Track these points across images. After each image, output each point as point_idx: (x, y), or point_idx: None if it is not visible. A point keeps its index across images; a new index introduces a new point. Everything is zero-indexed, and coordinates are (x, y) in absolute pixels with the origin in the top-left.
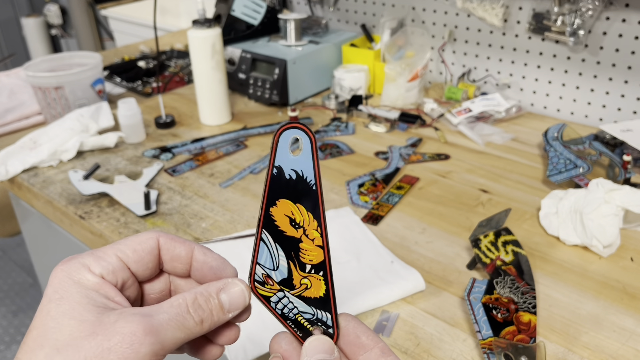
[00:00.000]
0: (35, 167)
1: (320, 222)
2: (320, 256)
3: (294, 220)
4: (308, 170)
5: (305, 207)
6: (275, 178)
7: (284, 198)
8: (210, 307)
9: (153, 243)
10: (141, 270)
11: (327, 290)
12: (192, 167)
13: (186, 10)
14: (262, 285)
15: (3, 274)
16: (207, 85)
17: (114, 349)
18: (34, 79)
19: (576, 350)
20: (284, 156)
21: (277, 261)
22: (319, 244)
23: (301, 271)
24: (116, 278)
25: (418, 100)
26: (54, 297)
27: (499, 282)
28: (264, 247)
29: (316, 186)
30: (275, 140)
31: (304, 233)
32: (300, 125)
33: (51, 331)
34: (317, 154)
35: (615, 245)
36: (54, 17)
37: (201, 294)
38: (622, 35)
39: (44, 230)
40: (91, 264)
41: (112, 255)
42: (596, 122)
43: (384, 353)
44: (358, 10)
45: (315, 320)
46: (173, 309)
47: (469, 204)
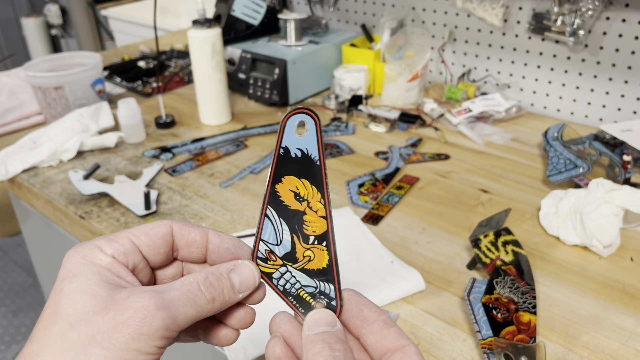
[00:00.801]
0: (36, 167)
1: (323, 193)
2: (323, 226)
3: (299, 194)
4: (313, 148)
5: (310, 181)
6: (281, 157)
7: (290, 175)
8: (222, 285)
9: (166, 229)
10: (153, 255)
11: (330, 260)
12: (192, 167)
13: (186, 10)
14: (265, 262)
15: (3, 274)
16: (207, 85)
17: (127, 323)
18: (34, 79)
19: (576, 350)
20: (290, 137)
21: (281, 235)
22: (322, 214)
23: (304, 243)
24: (127, 259)
25: (418, 100)
26: (67, 276)
27: (499, 282)
28: (267, 223)
29: (320, 161)
30: (282, 124)
31: (308, 205)
32: (305, 110)
33: (64, 307)
34: (321, 133)
35: (615, 245)
36: (54, 17)
37: (212, 274)
38: (622, 35)
39: (44, 230)
40: (103, 245)
41: (124, 237)
42: (596, 122)
43: (387, 324)
44: (358, 10)
45: (318, 293)
46: (184, 287)
47: (469, 204)
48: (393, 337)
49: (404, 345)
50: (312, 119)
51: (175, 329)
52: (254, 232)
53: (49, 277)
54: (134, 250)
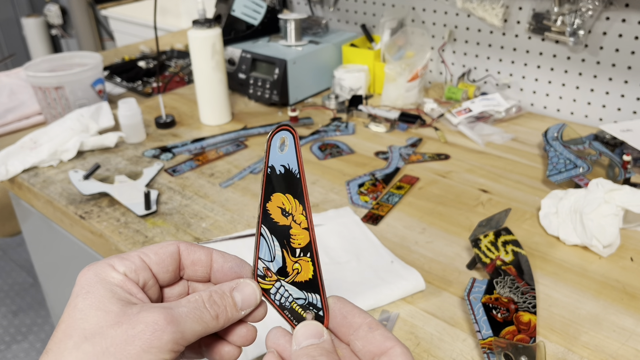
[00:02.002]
0: (36, 167)
1: (304, 205)
2: (306, 238)
3: (285, 210)
4: (293, 163)
5: (292, 194)
6: (269, 176)
7: (277, 192)
8: (225, 303)
9: (173, 248)
10: (162, 273)
11: (315, 271)
12: (192, 167)
13: (186, 10)
14: (263, 278)
15: (3, 274)
16: (207, 85)
17: (138, 336)
18: (34, 79)
19: (576, 350)
20: (274, 156)
21: (274, 251)
22: (305, 226)
23: (292, 256)
24: (138, 277)
25: (418, 100)
26: (81, 292)
27: (498, 282)
28: (263, 241)
29: (299, 174)
30: (268, 144)
31: (293, 219)
32: (284, 127)
33: (79, 322)
34: (299, 147)
35: (615, 245)
36: (54, 17)
37: (216, 292)
38: (622, 35)
39: (44, 230)
40: (115, 263)
41: (135, 256)
42: (596, 122)
43: (371, 328)
44: (358, 10)
45: (307, 304)
46: (191, 304)
47: (468, 204)
48: (378, 341)
49: (389, 348)
50: (291, 134)
51: (182, 344)
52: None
53: (49, 277)
54: (144, 268)
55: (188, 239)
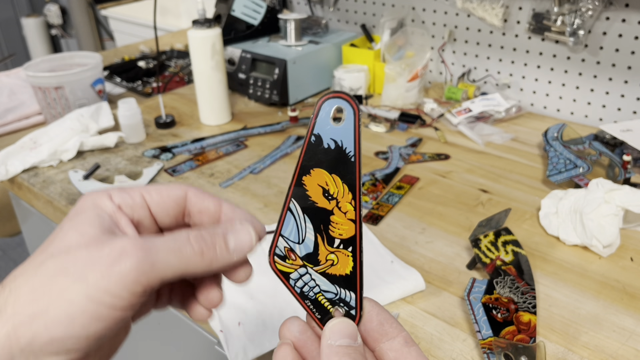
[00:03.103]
0: (36, 167)
1: (355, 195)
2: (351, 230)
3: (328, 191)
4: (348, 141)
5: (341, 178)
6: (312, 146)
7: (320, 167)
8: (214, 241)
9: (180, 192)
10: (161, 215)
11: (355, 268)
12: (192, 167)
13: (186, 10)
14: (283, 260)
15: (3, 274)
16: (207, 85)
17: (101, 260)
18: (34, 79)
19: (576, 350)
20: (324, 125)
21: (304, 234)
22: (352, 217)
23: (329, 246)
24: (133, 212)
25: (418, 100)
26: (71, 214)
27: (498, 282)
28: (290, 218)
29: (355, 158)
30: (317, 107)
31: (337, 205)
32: (344, 96)
33: (55, 240)
34: (359, 126)
35: (615, 245)
36: (54, 17)
37: (206, 230)
38: (622, 35)
39: (44, 230)
40: (114, 194)
41: (136, 192)
42: (596, 122)
43: (407, 343)
44: (358, 10)
45: (338, 300)
46: (173, 236)
47: (468, 204)
48: (413, 357)
49: None
50: (351, 107)
51: (152, 277)
52: None
53: None
54: (142, 206)
55: None
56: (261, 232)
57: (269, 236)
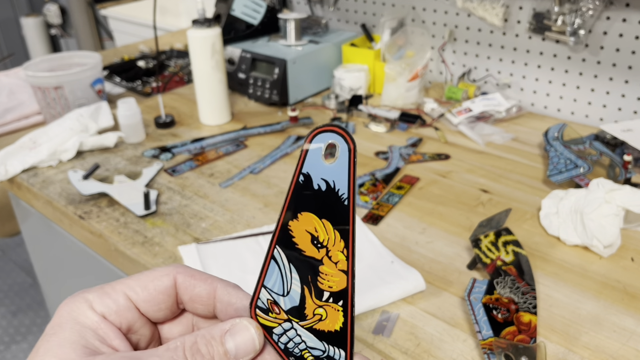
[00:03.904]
0: (35, 167)
1: (348, 243)
2: (342, 283)
3: (317, 239)
4: (341, 182)
5: (333, 224)
6: (300, 187)
7: (309, 211)
8: (212, 352)
9: (168, 281)
10: (153, 311)
11: (345, 324)
12: (191, 167)
13: (186, 9)
14: (266, 313)
15: (3, 274)
16: (206, 85)
17: None
18: (33, 78)
19: (576, 350)
20: (314, 162)
21: (289, 285)
22: (343, 268)
23: (317, 299)
24: (120, 319)
25: (418, 100)
26: (48, 333)
27: (499, 282)
28: (274, 267)
29: (348, 201)
30: (306, 142)
31: (327, 254)
32: (338, 130)
33: None
34: (354, 165)
35: (616, 245)
36: (53, 16)
37: (202, 337)
38: (623, 35)
39: (43, 230)
40: (95, 300)
41: (119, 292)
42: (597, 121)
43: None
44: (358, 10)
45: (326, 358)
46: (167, 353)
47: (469, 204)
48: None
49: None
50: (346, 142)
51: None
52: (254, 233)
53: (48, 278)
54: (128, 308)
55: (187, 240)
56: None
57: None
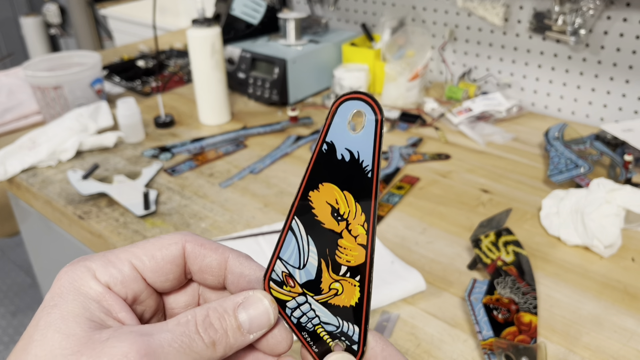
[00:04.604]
0: (34, 167)
1: (369, 217)
2: (361, 257)
3: (337, 211)
4: (366, 153)
5: (354, 196)
6: (323, 156)
7: (330, 182)
8: (225, 326)
9: (177, 250)
10: (160, 282)
11: (362, 299)
12: (191, 167)
13: (185, 9)
14: (280, 286)
15: (2, 274)
16: (206, 84)
17: None
18: (32, 78)
19: (577, 350)
20: (339, 131)
21: (306, 258)
22: (362, 242)
23: (334, 273)
24: (126, 290)
25: (418, 99)
26: (48, 305)
27: (499, 283)
28: (291, 239)
29: (372, 174)
30: (332, 110)
31: (347, 227)
32: (366, 98)
33: (34, 345)
34: (381, 135)
35: (617, 245)
36: (52, 16)
37: (214, 311)
38: (623, 35)
39: (42, 230)
40: (98, 269)
41: (125, 261)
42: (597, 121)
43: None
44: (358, 10)
45: (339, 334)
46: (179, 328)
47: (469, 204)
48: None
49: None
50: (374, 111)
51: None
52: (254, 233)
53: (48, 278)
54: (134, 278)
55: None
56: None
57: None
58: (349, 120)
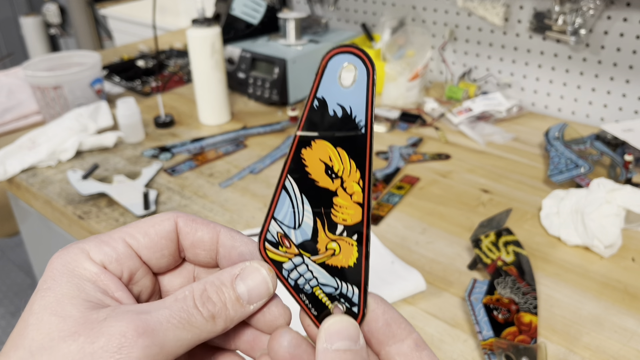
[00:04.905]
0: (34, 167)
1: (364, 174)
2: (357, 216)
3: (331, 168)
4: (359, 108)
5: (348, 153)
6: (315, 112)
7: (323, 139)
8: (224, 299)
9: (169, 225)
10: (155, 258)
11: (360, 259)
12: (191, 167)
13: (185, 9)
14: (276, 247)
15: (2, 275)
16: (206, 84)
17: (98, 354)
18: (32, 78)
19: (577, 351)
20: (331, 86)
21: (300, 218)
22: (358, 200)
23: (330, 232)
24: (121, 268)
25: (418, 99)
26: (42, 288)
27: (499, 283)
28: (285, 198)
29: (366, 129)
30: (322, 65)
31: (342, 185)
32: (356, 51)
33: (30, 329)
34: (373, 90)
35: (617, 245)
36: (52, 16)
37: (212, 284)
38: (624, 35)
39: (42, 230)
40: (91, 249)
41: (118, 239)
42: (597, 121)
43: (418, 346)
44: (358, 9)
45: (338, 295)
46: (177, 304)
47: (469, 204)
48: None
49: None
50: (365, 65)
51: (165, 359)
52: (255, 233)
53: None
54: (129, 256)
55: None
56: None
57: None
58: (339, 75)
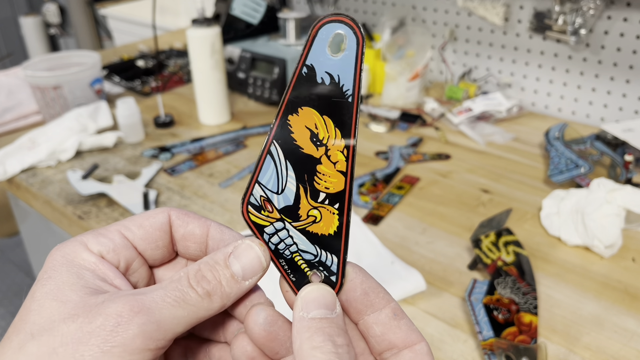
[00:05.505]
0: (34, 167)
1: (349, 142)
2: (340, 184)
3: (316, 136)
4: (347, 77)
5: (334, 121)
6: (303, 79)
7: (309, 106)
8: (218, 277)
9: (163, 218)
10: (150, 249)
11: (340, 228)
12: (191, 167)
13: (185, 9)
14: (258, 210)
15: (1, 275)
16: (206, 84)
17: (96, 332)
18: (32, 78)
19: (577, 351)
20: (320, 55)
21: (284, 183)
22: (342, 169)
23: (312, 199)
24: (118, 257)
25: (419, 99)
26: (42, 278)
27: (500, 283)
28: (270, 163)
29: (353, 98)
30: (312, 33)
31: (326, 153)
32: (346, 20)
33: (31, 314)
34: (362, 59)
35: (617, 245)
36: (52, 16)
37: (206, 264)
38: (624, 35)
39: (42, 230)
40: (89, 241)
41: (114, 231)
42: (598, 121)
43: (396, 315)
44: (358, 9)
45: (317, 263)
46: (172, 284)
47: (469, 204)
48: (403, 332)
49: (414, 343)
50: (355, 34)
51: (161, 338)
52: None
53: None
54: (126, 246)
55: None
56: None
57: None
58: (329, 43)
